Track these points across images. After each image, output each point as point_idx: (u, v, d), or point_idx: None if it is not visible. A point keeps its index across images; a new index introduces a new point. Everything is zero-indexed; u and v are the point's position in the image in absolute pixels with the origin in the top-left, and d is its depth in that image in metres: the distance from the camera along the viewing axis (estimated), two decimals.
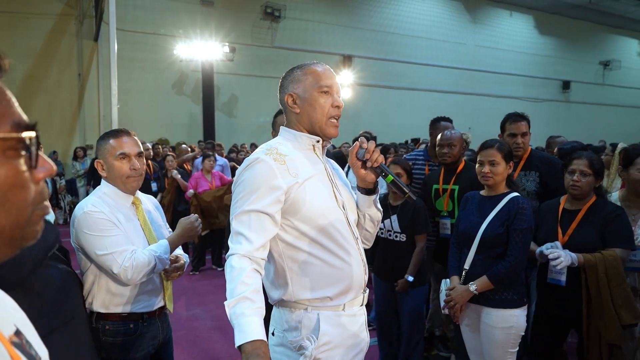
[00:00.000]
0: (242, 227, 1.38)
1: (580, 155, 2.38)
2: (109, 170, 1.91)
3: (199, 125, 12.57)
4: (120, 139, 1.93)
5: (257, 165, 1.41)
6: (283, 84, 1.56)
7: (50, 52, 11.24)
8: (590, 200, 2.39)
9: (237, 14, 13.18)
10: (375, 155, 1.50)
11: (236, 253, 1.35)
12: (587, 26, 20.05)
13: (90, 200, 1.88)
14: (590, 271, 2.20)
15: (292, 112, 1.53)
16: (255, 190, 1.39)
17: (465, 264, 2.35)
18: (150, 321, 1.94)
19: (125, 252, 1.77)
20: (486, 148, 2.34)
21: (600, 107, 20.56)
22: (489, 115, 17.41)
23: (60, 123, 11.53)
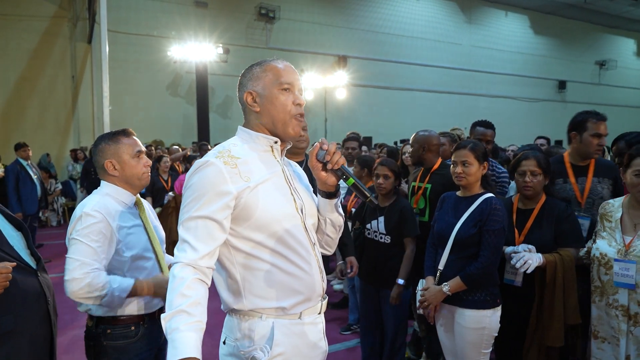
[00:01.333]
0: (187, 234, 1.31)
1: (527, 155, 2.41)
2: (123, 169, 1.90)
3: (193, 126, 12.56)
4: (132, 138, 1.96)
5: (206, 169, 1.34)
6: (242, 82, 1.49)
7: (44, 55, 11.24)
8: (541, 199, 2.42)
9: (231, 15, 13.19)
10: (336, 157, 1.43)
11: (180, 261, 1.29)
12: (583, 26, 20.08)
13: (93, 200, 1.85)
14: (549, 271, 2.22)
15: (251, 111, 1.47)
16: (202, 195, 1.32)
17: (440, 264, 2.35)
18: (151, 323, 1.92)
19: (88, 266, 1.72)
20: (459, 149, 2.36)
21: (597, 107, 19.96)
22: (484, 115, 17.21)
23: (54, 125, 11.53)
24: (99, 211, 1.79)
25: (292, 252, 1.40)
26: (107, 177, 1.92)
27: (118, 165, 1.90)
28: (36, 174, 6.85)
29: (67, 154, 11.43)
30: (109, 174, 1.91)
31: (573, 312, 2.23)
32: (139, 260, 1.89)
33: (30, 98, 11.15)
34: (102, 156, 1.91)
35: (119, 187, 1.92)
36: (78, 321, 4.36)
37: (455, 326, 2.31)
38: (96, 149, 1.93)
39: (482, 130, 3.10)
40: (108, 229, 1.79)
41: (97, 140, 1.96)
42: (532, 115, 18.64)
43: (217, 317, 1.52)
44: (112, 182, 1.92)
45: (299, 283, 1.40)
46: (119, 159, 1.90)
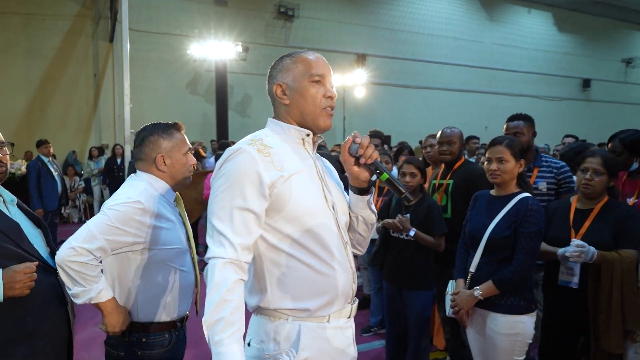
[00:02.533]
0: (223, 227, 1.24)
1: (593, 152, 2.27)
2: (173, 166, 1.81)
3: (212, 124, 12.60)
4: (182, 134, 1.88)
5: (239, 157, 1.27)
6: (271, 74, 1.43)
7: (67, 53, 11.39)
8: (603, 200, 2.27)
9: (250, 13, 13.19)
10: (369, 151, 1.37)
11: (220, 257, 1.21)
12: (609, 23, 19.55)
13: (138, 188, 1.73)
14: (606, 270, 2.08)
15: (281, 104, 1.41)
16: (236, 183, 1.25)
17: (471, 267, 2.24)
18: (180, 329, 1.83)
19: (97, 251, 1.58)
20: (494, 145, 2.23)
21: (622, 105, 20.03)
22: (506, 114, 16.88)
23: (76, 123, 11.69)
24: (147, 200, 1.69)
25: (323, 249, 1.32)
26: (153, 171, 1.81)
27: (169, 161, 1.81)
28: (57, 170, 6.91)
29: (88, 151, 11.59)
30: (158, 168, 1.80)
31: (633, 316, 2.07)
32: (180, 259, 1.79)
33: (53, 96, 11.31)
34: (154, 149, 1.80)
35: (165, 183, 1.83)
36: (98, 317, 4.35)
37: (486, 331, 2.20)
38: (146, 140, 1.80)
39: (514, 123, 2.88)
40: (147, 220, 1.67)
41: (147, 131, 1.83)
42: (556, 115, 18.21)
43: None
44: (156, 176, 1.82)
45: (328, 283, 1.32)
46: (170, 155, 1.81)
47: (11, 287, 1.49)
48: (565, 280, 2.25)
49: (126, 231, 1.63)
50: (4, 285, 1.49)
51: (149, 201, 1.70)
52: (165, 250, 1.73)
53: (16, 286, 1.49)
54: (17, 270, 1.51)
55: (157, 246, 1.71)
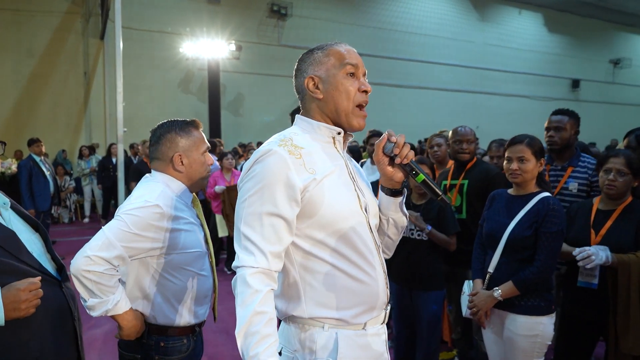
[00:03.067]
0: (253, 234, 1.17)
1: (617, 153, 2.24)
2: (191, 166, 1.73)
3: (205, 123, 12.47)
4: (201, 132, 1.79)
5: (269, 159, 1.20)
6: (301, 68, 1.36)
7: (56, 51, 11.20)
8: (626, 201, 2.24)
9: (243, 12, 13.09)
10: (405, 150, 1.31)
11: (250, 267, 1.15)
12: (597, 24, 19.78)
13: (155, 190, 1.64)
14: (622, 272, 2.06)
15: (312, 99, 1.33)
16: (267, 188, 1.18)
17: (490, 267, 2.21)
18: (200, 334, 1.79)
19: (115, 259, 1.50)
20: (515, 144, 2.18)
21: (611, 106, 20.28)
22: (497, 114, 17.27)
23: (66, 121, 11.50)
24: (165, 204, 1.61)
25: (358, 255, 1.27)
26: (169, 172, 1.73)
27: (186, 161, 1.72)
28: (49, 170, 6.78)
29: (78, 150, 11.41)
30: (175, 168, 1.72)
31: None
32: (199, 263, 1.73)
33: (42, 94, 11.11)
34: (172, 148, 1.71)
35: (182, 184, 1.74)
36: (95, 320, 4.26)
37: (505, 332, 2.17)
38: (163, 138, 1.72)
39: (558, 117, 2.76)
40: (165, 224, 1.60)
41: (164, 128, 1.74)
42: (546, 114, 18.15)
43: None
44: (173, 176, 1.74)
45: (364, 289, 1.27)
46: (189, 155, 1.73)
47: (16, 308, 1.31)
48: (584, 282, 2.23)
49: (145, 237, 1.56)
50: (6, 307, 1.30)
51: (167, 204, 1.62)
52: (184, 254, 1.67)
53: (21, 306, 1.32)
54: (20, 288, 1.32)
55: (175, 250, 1.65)
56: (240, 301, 1.14)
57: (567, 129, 2.72)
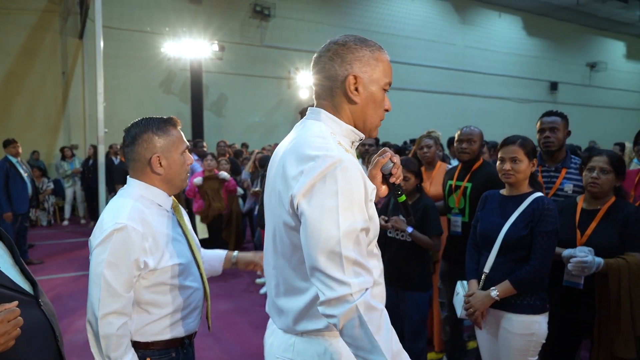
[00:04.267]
0: (354, 253, 1.07)
1: (600, 152, 2.28)
2: (170, 167, 1.59)
3: (187, 124, 12.33)
4: (179, 130, 1.64)
5: (350, 171, 1.09)
6: (344, 56, 1.21)
7: (33, 50, 10.91)
8: (610, 200, 2.28)
9: (226, 12, 12.98)
10: (400, 171, 1.40)
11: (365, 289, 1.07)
12: (574, 28, 20.24)
13: (125, 207, 1.50)
14: (612, 278, 2.09)
15: (347, 98, 1.23)
16: (357, 202, 1.10)
17: (485, 267, 2.21)
18: (189, 346, 1.69)
19: (124, 317, 1.46)
20: (508, 144, 2.20)
21: (587, 108, 20.77)
22: (478, 115, 17.49)
23: (43, 122, 11.21)
24: (135, 220, 1.47)
25: (377, 260, 1.31)
26: (147, 175, 1.59)
27: (165, 162, 1.58)
28: (27, 172, 6.60)
29: (57, 151, 11.13)
30: (153, 170, 1.57)
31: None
32: (183, 275, 1.60)
33: (18, 94, 10.81)
34: (149, 149, 1.56)
35: (157, 189, 1.60)
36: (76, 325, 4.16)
37: (500, 331, 2.17)
38: (138, 138, 1.56)
39: (551, 118, 2.76)
40: (144, 243, 1.48)
41: (139, 127, 1.58)
42: (524, 116, 18.69)
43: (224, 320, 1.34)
44: (150, 181, 1.59)
45: (382, 292, 1.31)
46: (167, 155, 1.58)
47: None
48: (570, 281, 2.25)
49: (128, 263, 1.45)
50: None
51: (140, 220, 1.49)
52: (166, 270, 1.55)
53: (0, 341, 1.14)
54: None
55: (157, 267, 1.53)
56: (374, 328, 1.04)
57: (561, 129, 2.74)
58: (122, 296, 1.44)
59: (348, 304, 1.04)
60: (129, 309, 1.48)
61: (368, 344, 1.03)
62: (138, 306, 1.54)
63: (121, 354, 1.45)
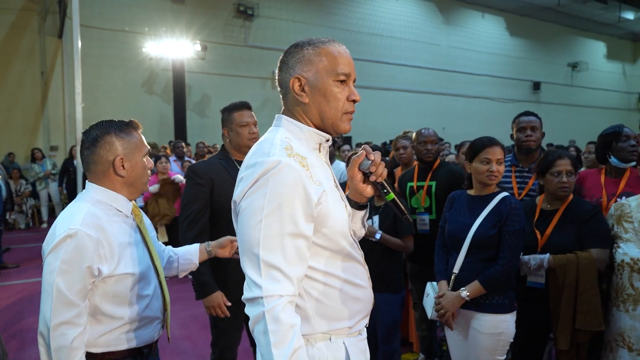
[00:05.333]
0: (275, 258, 1.06)
1: (561, 155, 2.29)
2: (133, 170, 1.55)
3: (170, 125, 12.22)
4: (140, 133, 1.62)
5: (283, 172, 1.09)
6: (287, 62, 1.24)
7: (11, 49, 10.71)
8: (568, 199, 2.31)
9: (208, 11, 12.89)
10: (380, 169, 1.29)
11: (277, 295, 1.05)
12: (556, 28, 20.53)
13: (80, 211, 1.46)
14: (559, 272, 2.14)
15: (297, 101, 1.23)
16: (286, 205, 1.08)
17: (455, 268, 2.21)
18: (149, 357, 1.64)
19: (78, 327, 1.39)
20: (492, 146, 2.18)
21: (569, 107, 21.08)
22: (462, 115, 17.64)
23: (22, 123, 11.01)
24: (89, 226, 1.42)
25: (356, 263, 1.27)
26: (108, 178, 1.55)
27: (128, 165, 1.54)
28: (1, 174, 6.48)
29: None
30: (116, 173, 1.53)
31: (592, 317, 2.11)
32: (140, 283, 1.55)
33: None
34: (111, 151, 1.52)
35: (115, 192, 1.56)
36: None
37: (470, 331, 2.17)
38: (100, 140, 1.52)
39: (530, 118, 2.78)
40: (98, 249, 1.43)
41: (100, 129, 1.54)
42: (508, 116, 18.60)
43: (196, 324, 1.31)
44: (112, 185, 1.55)
45: (364, 296, 1.28)
46: (131, 158, 1.55)
47: None
48: (533, 282, 2.26)
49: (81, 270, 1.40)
50: None
51: (94, 225, 1.44)
52: (121, 278, 1.49)
53: None
54: None
55: (113, 274, 1.47)
56: (275, 340, 1.02)
57: (539, 129, 2.78)
58: (76, 305, 1.39)
59: (259, 307, 1.06)
60: (83, 319, 1.41)
61: (266, 353, 1.04)
62: (92, 317, 1.48)
63: None
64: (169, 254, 1.85)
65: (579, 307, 2.13)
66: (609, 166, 2.61)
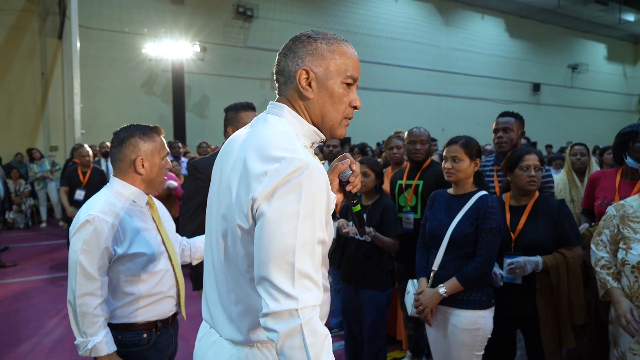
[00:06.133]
0: (309, 266, 0.99)
1: (529, 150, 2.34)
2: (151, 170, 1.81)
3: (169, 126, 12.27)
4: (162, 138, 1.88)
5: (315, 176, 1.02)
6: (296, 51, 1.16)
7: (11, 50, 10.78)
8: (535, 195, 2.36)
9: (208, 12, 12.95)
10: (357, 180, 1.30)
11: (313, 306, 0.99)
12: (556, 30, 20.52)
13: (99, 200, 1.73)
14: (553, 273, 2.17)
15: (300, 94, 1.16)
16: (319, 211, 1.02)
17: (434, 265, 2.25)
18: (164, 330, 1.84)
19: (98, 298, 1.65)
20: (450, 144, 2.28)
21: (569, 109, 21.07)
22: (461, 116, 17.65)
23: (22, 124, 11.08)
24: (106, 213, 1.68)
25: (325, 267, 1.25)
26: (129, 174, 1.80)
27: (147, 165, 1.80)
28: None
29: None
30: (136, 171, 1.79)
31: (579, 312, 2.17)
32: (151, 263, 1.77)
33: None
34: (134, 151, 1.78)
35: (133, 187, 1.81)
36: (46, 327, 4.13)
37: (449, 327, 2.21)
38: (126, 141, 1.78)
39: (505, 119, 2.82)
40: (113, 233, 1.69)
41: (127, 132, 1.79)
42: None
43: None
44: (132, 180, 1.80)
45: (328, 299, 1.27)
46: (150, 159, 1.80)
47: None
48: (509, 278, 2.27)
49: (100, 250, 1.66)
50: None
51: (110, 212, 1.70)
52: (135, 258, 1.73)
53: None
54: None
55: (124, 254, 1.71)
56: (314, 354, 0.95)
57: (514, 130, 2.79)
58: (96, 279, 1.65)
59: (293, 321, 0.96)
60: (103, 291, 1.67)
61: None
62: (109, 292, 1.73)
63: (95, 331, 1.64)
64: (182, 242, 2.06)
65: (574, 305, 2.17)
66: (625, 167, 2.61)
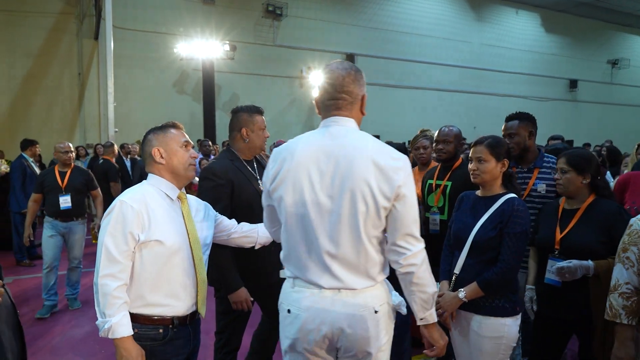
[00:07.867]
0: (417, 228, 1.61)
1: (564, 153, 2.27)
2: (171, 157, 1.85)
3: (199, 124, 12.48)
4: (179, 130, 1.94)
5: None
6: (360, 81, 1.65)
7: (50, 51, 11.20)
8: (589, 198, 2.25)
9: (238, 12, 13.09)
10: None
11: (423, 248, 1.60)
12: (595, 24, 19.75)
13: (132, 190, 1.82)
14: (603, 278, 2.04)
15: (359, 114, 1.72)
16: None
17: (456, 268, 2.19)
18: (181, 327, 1.82)
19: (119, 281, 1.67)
20: (476, 145, 2.21)
21: (608, 106, 20.26)
22: (494, 114, 17.21)
23: (60, 122, 11.50)
24: (134, 200, 1.74)
25: None
26: (154, 167, 1.88)
27: (165, 154, 1.86)
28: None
29: None
30: (156, 161, 1.85)
31: None
32: (171, 256, 1.77)
33: (36, 95, 11.12)
34: (150, 145, 1.88)
35: (164, 179, 1.86)
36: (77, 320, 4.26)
37: (470, 334, 2.15)
38: (145, 140, 1.92)
39: (508, 124, 2.80)
40: (138, 219, 1.72)
41: (147, 133, 1.94)
42: (543, 115, 18.26)
43: None
44: (159, 172, 1.87)
45: None
46: (166, 147, 1.86)
47: None
48: (551, 279, 2.21)
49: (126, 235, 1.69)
50: None
51: (139, 200, 1.75)
52: (153, 246, 1.73)
53: None
54: None
55: (148, 239, 1.72)
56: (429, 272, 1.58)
57: (520, 133, 2.73)
58: (119, 262, 1.67)
59: (423, 254, 1.57)
60: (125, 274, 1.69)
61: (429, 279, 1.58)
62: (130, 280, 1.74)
63: (114, 312, 1.65)
64: (237, 227, 2.17)
65: None
66: None
